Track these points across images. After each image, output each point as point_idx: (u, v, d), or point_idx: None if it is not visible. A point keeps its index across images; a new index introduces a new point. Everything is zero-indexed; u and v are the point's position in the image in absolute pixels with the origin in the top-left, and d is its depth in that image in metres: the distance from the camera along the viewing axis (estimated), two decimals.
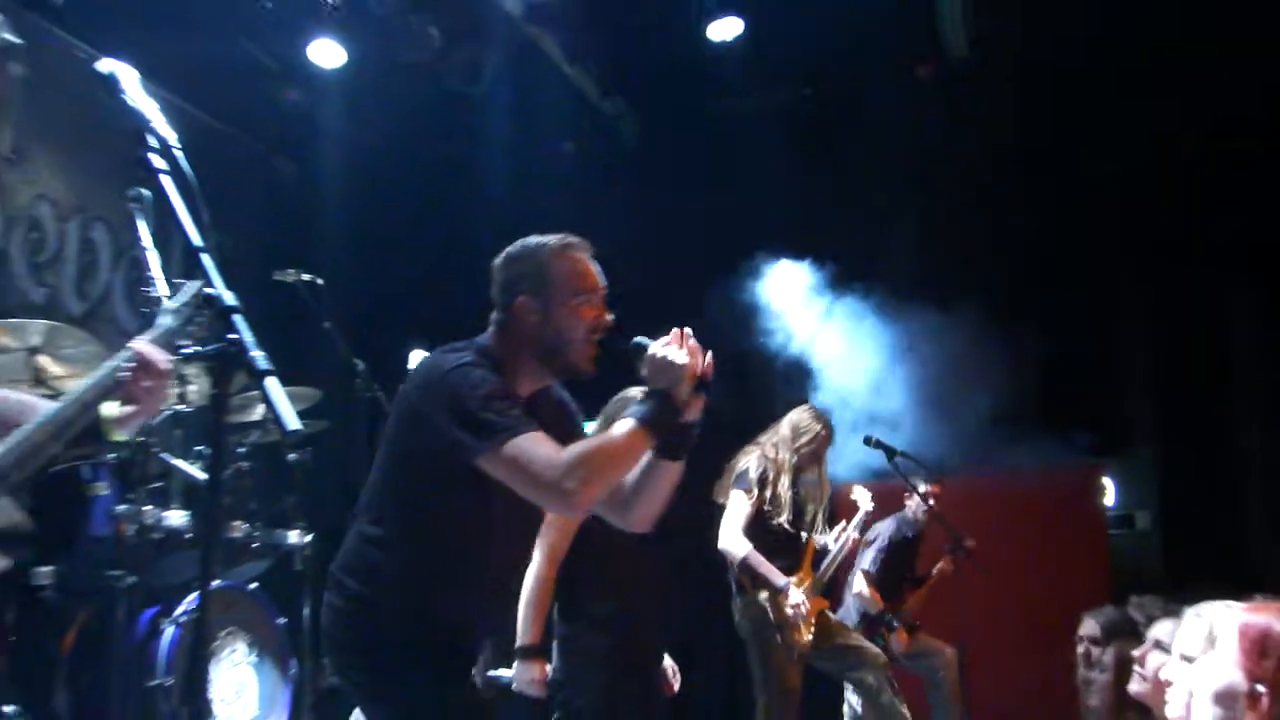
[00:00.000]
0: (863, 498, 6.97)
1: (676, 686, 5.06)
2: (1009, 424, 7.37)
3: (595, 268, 3.45)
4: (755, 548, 6.34)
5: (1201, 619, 2.87)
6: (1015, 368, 7.41)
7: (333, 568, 3.47)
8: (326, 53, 7.62)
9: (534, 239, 3.45)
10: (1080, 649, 5.41)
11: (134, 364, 2.44)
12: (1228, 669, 2.54)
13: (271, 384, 1.91)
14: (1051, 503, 8.18)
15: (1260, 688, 2.45)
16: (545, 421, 3.31)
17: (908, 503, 6.96)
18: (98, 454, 4.93)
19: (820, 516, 6.77)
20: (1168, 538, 8.50)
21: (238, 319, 1.96)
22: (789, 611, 6.32)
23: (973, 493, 7.56)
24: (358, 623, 3.39)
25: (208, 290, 1.97)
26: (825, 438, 6.65)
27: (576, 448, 3.10)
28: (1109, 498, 8.79)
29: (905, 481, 6.51)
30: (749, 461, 6.47)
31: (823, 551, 6.70)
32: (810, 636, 6.46)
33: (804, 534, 6.58)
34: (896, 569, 7.35)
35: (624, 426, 3.15)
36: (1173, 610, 3.68)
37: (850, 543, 6.79)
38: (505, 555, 3.58)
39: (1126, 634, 4.51)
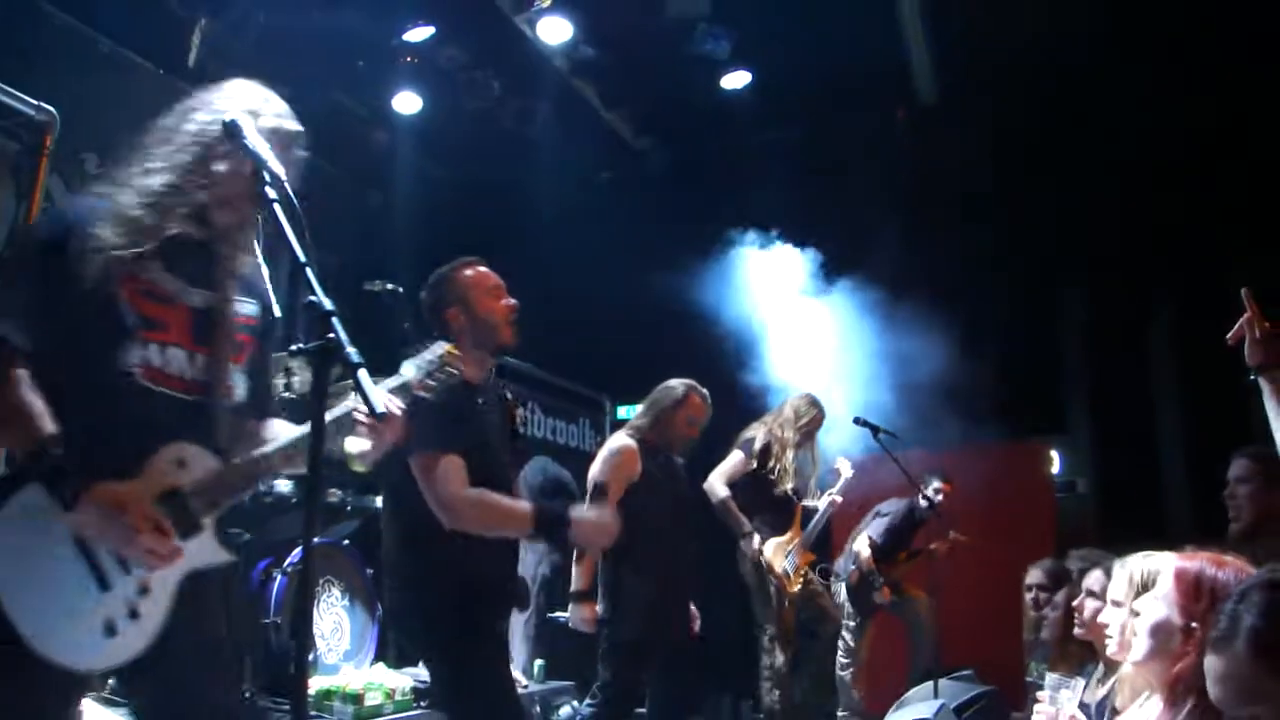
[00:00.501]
0: (844, 467, 6.96)
1: (697, 627, 5.09)
2: (971, 407, 7.34)
3: (490, 271, 3.75)
4: (759, 509, 6.40)
5: (1124, 569, 2.86)
6: (975, 361, 7.40)
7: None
8: (406, 102, 7.75)
9: (441, 269, 3.75)
10: (1030, 595, 5.42)
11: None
12: (1163, 607, 2.50)
13: (362, 374, 1.93)
14: (1006, 473, 8.16)
15: (1194, 625, 2.40)
16: (490, 404, 3.63)
17: (924, 490, 6.90)
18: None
19: (813, 484, 6.80)
20: (1103, 501, 8.48)
21: (335, 321, 1.97)
22: (765, 560, 6.38)
23: (951, 463, 7.53)
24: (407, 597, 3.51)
25: (310, 297, 1.98)
26: (819, 420, 6.70)
27: (481, 493, 3.36)
28: (1054, 468, 8.79)
29: (910, 479, 6.41)
30: (755, 433, 6.51)
31: (811, 512, 6.71)
32: (799, 587, 6.50)
33: (797, 499, 6.62)
34: (897, 542, 7.31)
35: (524, 510, 3.43)
36: (1104, 562, 3.67)
37: (833, 505, 6.78)
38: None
39: (1070, 581, 4.54)
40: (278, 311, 4.97)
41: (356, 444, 2.51)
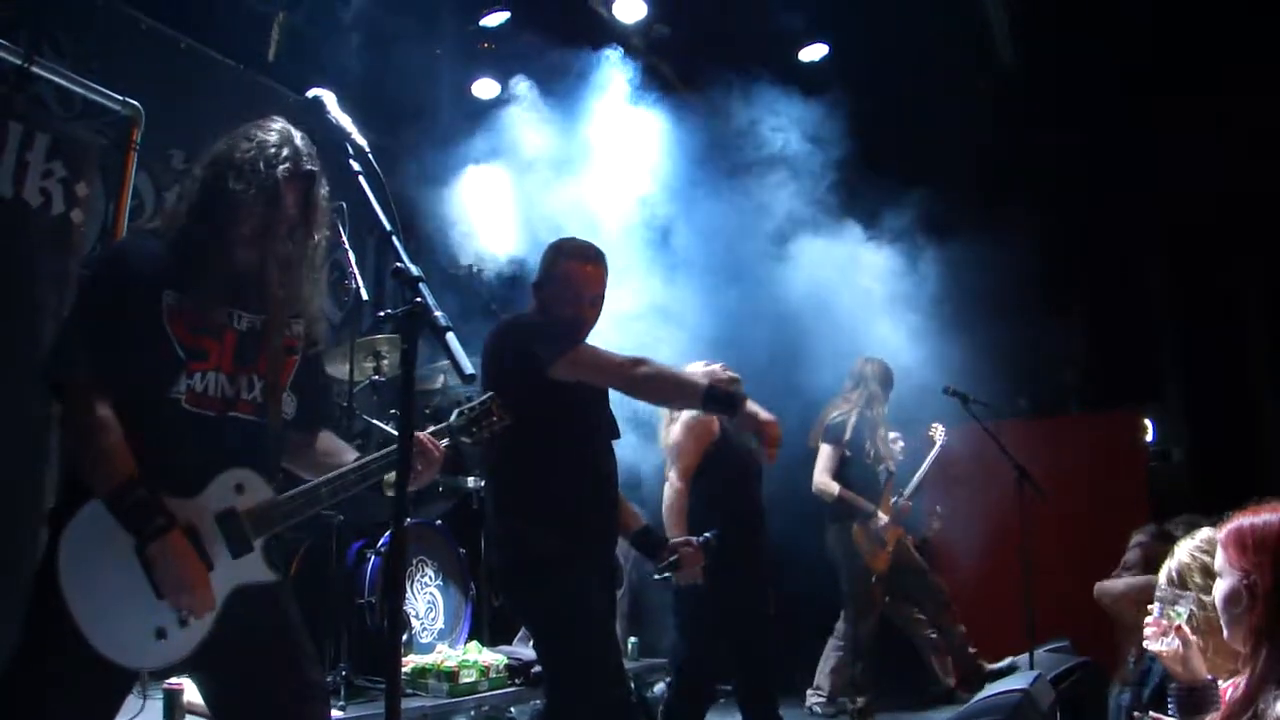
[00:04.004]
0: (937, 434, 6.85)
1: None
2: (1062, 376, 7.24)
3: (604, 273, 3.72)
4: (848, 488, 6.37)
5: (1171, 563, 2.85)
6: (1065, 329, 7.29)
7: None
8: (485, 88, 7.73)
9: (567, 247, 3.74)
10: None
11: (416, 450, 2.55)
12: (1225, 578, 2.49)
13: (450, 338, 1.92)
14: (1099, 442, 7.99)
15: (1252, 575, 2.39)
16: None
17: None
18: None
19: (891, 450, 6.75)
20: (1198, 470, 8.29)
21: (423, 286, 1.96)
22: (874, 534, 6.36)
23: (1040, 434, 7.39)
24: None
25: (397, 264, 1.99)
26: (891, 385, 6.65)
27: (645, 359, 3.45)
28: (1148, 436, 8.58)
29: (1002, 449, 6.18)
30: (841, 416, 6.47)
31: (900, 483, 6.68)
32: (887, 565, 6.48)
33: (887, 473, 6.57)
34: None
35: (697, 382, 3.50)
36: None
37: (926, 474, 6.72)
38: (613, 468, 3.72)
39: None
40: (365, 294, 5.02)
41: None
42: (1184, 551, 2.85)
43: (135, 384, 2.38)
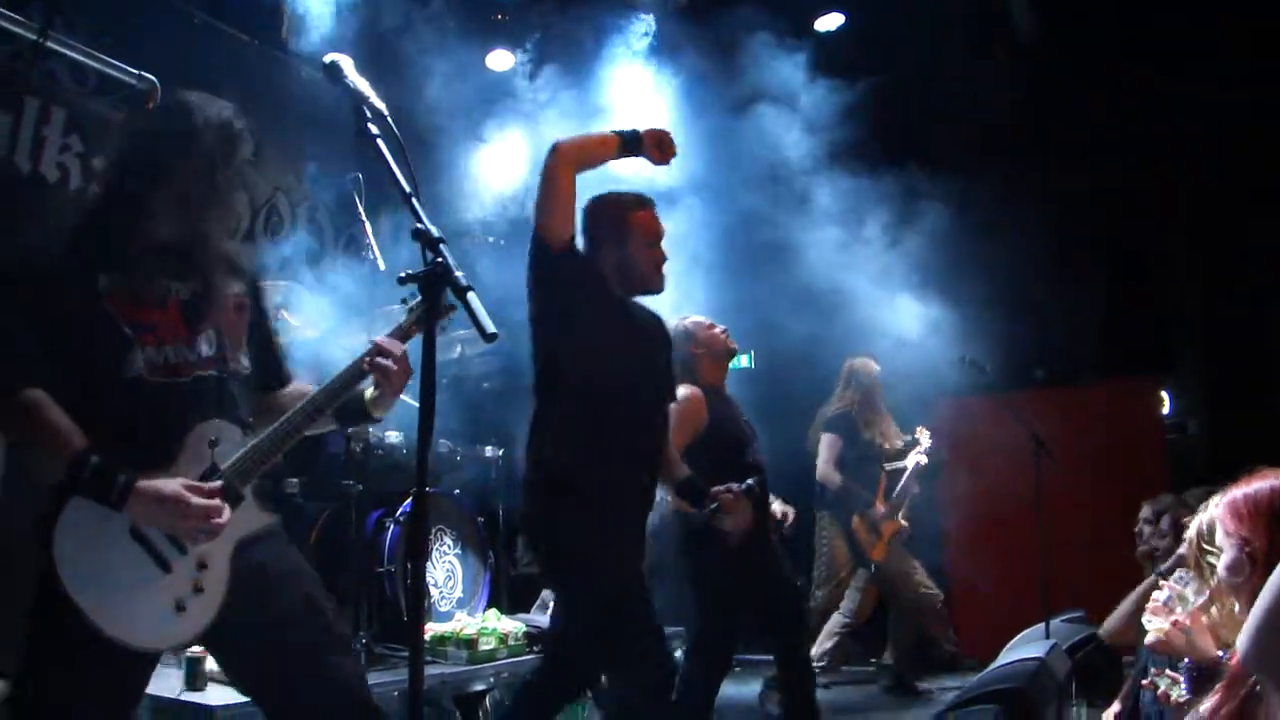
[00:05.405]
0: (924, 437, 6.87)
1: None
2: (1078, 347, 7.22)
3: (656, 216, 3.78)
4: (855, 482, 6.58)
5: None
6: (1080, 300, 7.26)
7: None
8: (500, 59, 7.70)
9: (609, 198, 3.76)
10: (1146, 528, 5.34)
11: (375, 354, 2.57)
12: (1227, 548, 2.51)
13: (471, 297, 1.93)
14: (1115, 414, 7.98)
15: (1252, 543, 2.43)
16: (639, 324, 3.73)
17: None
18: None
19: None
20: (1215, 442, 8.25)
21: (443, 247, 1.96)
22: (872, 523, 6.46)
23: (1057, 405, 7.39)
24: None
25: (417, 225, 2.00)
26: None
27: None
28: (1165, 408, 8.56)
29: (1020, 420, 6.19)
30: (841, 408, 6.66)
31: (894, 476, 6.72)
32: (883, 556, 6.57)
33: (881, 467, 6.67)
34: None
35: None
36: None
37: (918, 469, 6.74)
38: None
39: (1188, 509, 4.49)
40: (383, 265, 5.02)
41: (371, 392, 2.66)
42: (1212, 508, 2.84)
43: (86, 370, 2.38)
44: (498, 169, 7.21)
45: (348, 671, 2.57)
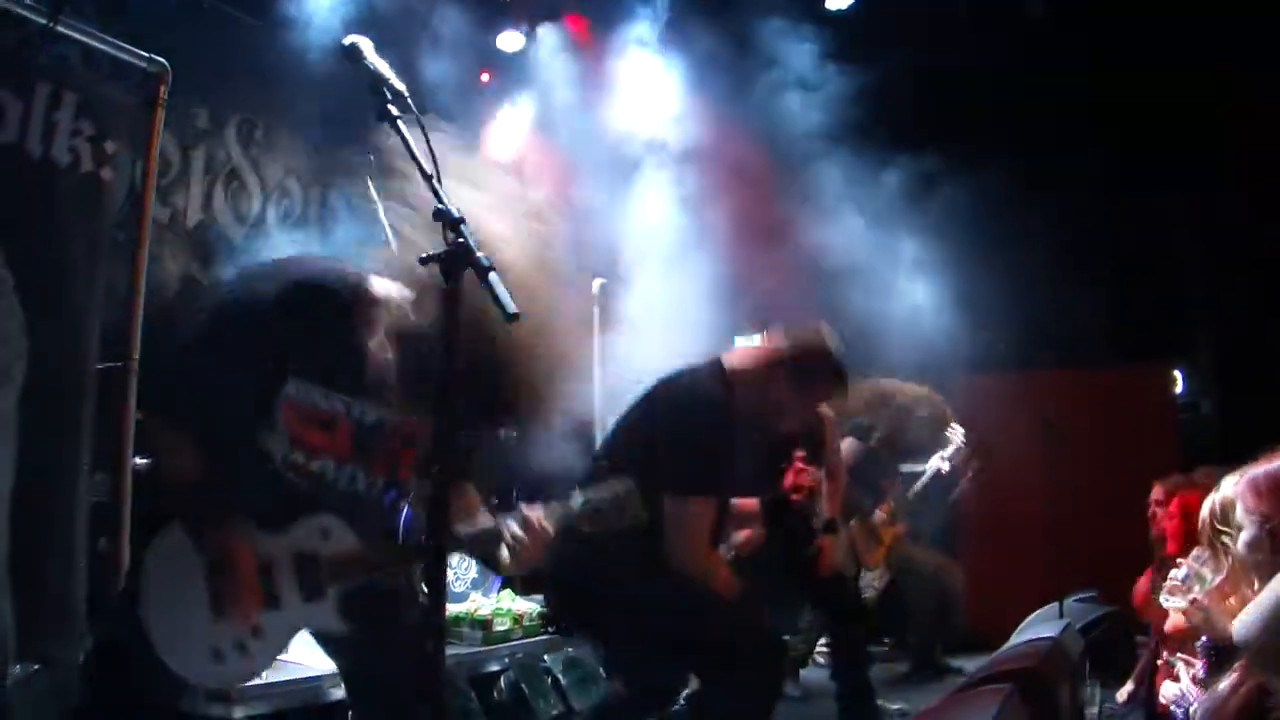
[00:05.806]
0: (955, 435, 6.81)
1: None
2: (1091, 328, 7.21)
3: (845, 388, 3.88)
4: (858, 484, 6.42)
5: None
6: (1093, 281, 7.25)
7: None
8: (510, 40, 7.66)
9: (819, 351, 3.71)
10: (1158, 510, 5.35)
11: (520, 526, 2.57)
12: (1246, 525, 2.53)
13: (493, 277, 1.93)
14: (1128, 395, 7.97)
15: (1272, 520, 2.50)
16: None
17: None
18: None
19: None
20: (1228, 423, 8.26)
21: (465, 228, 1.97)
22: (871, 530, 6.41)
23: (1069, 386, 7.39)
24: None
25: (438, 205, 2.00)
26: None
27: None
28: (1177, 389, 8.55)
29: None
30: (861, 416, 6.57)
31: (909, 481, 6.69)
32: (879, 562, 6.58)
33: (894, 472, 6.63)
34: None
35: None
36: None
37: (938, 473, 6.70)
38: None
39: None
40: (395, 247, 5.01)
41: (508, 554, 2.63)
42: (1227, 487, 2.86)
43: (229, 445, 2.42)
44: (505, 149, 7.20)
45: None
